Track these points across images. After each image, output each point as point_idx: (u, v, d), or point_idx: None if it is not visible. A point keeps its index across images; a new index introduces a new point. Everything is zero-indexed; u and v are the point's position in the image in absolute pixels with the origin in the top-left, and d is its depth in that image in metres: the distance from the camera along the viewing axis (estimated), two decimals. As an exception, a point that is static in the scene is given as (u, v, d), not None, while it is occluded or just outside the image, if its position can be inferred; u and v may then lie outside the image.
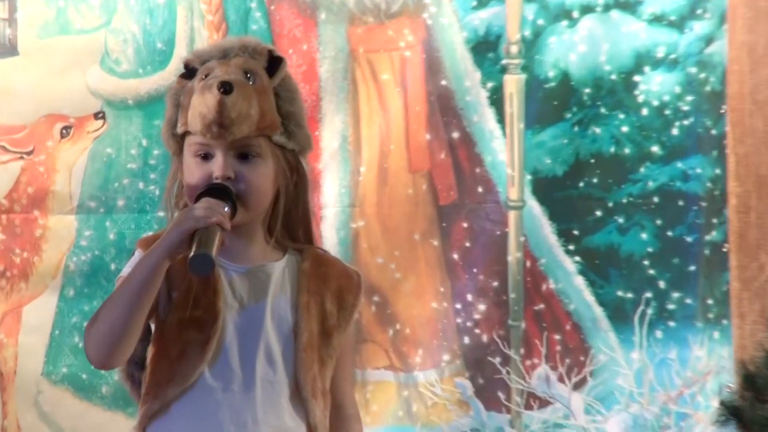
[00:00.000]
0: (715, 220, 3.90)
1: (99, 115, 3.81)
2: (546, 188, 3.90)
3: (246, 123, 1.97)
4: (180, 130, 1.99)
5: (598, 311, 3.90)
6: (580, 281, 3.87)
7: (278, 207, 2.07)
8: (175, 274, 1.99)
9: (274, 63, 2.03)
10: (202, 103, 1.95)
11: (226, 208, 1.94)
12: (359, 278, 2.12)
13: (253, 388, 2.03)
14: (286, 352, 2.04)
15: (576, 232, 3.84)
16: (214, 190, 1.97)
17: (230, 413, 2.02)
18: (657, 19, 3.76)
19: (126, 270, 2.00)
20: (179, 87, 2.04)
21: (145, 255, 1.96)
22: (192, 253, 1.87)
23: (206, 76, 1.96)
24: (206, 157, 1.99)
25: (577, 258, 3.84)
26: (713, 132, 3.76)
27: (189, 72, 2.04)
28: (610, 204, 3.80)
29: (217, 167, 1.98)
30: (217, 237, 1.90)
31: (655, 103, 3.75)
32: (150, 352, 2.06)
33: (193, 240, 1.90)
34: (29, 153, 3.70)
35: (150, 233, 2.20)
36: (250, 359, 2.04)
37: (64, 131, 3.72)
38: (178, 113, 2.01)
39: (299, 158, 2.07)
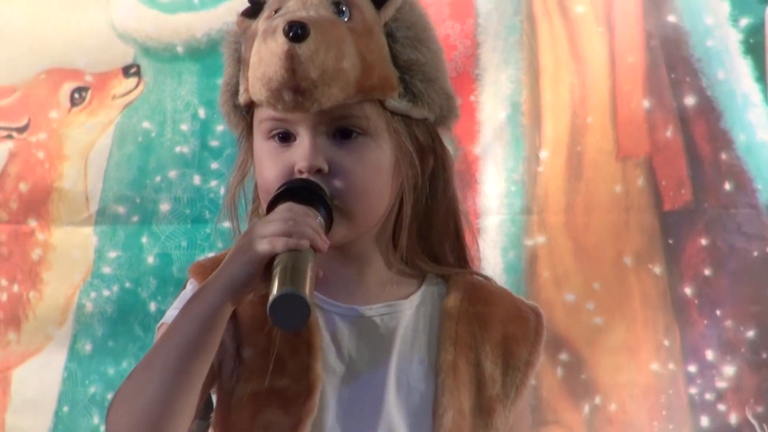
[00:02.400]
0: None
1: (131, 71, 2.68)
2: None
3: (338, 83, 1.51)
4: (243, 99, 1.57)
5: None
6: None
7: (404, 212, 1.61)
8: (247, 322, 1.61)
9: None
10: (266, 57, 1.52)
11: (318, 219, 1.50)
12: (540, 321, 1.64)
13: None
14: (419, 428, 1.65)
15: None
16: (298, 190, 1.51)
17: None
18: None
19: (172, 313, 1.58)
20: (240, 30, 1.62)
21: (197, 293, 1.54)
22: (273, 295, 1.44)
23: (276, 12, 1.54)
24: (285, 138, 1.56)
25: None
26: None
27: (254, 5, 1.63)
28: None
29: (300, 155, 1.54)
30: (309, 266, 1.47)
31: None
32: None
33: (272, 272, 1.47)
34: (22, 129, 2.62)
35: (211, 255, 1.80)
36: None
37: (76, 95, 2.62)
38: (239, 73, 1.59)
39: (436, 133, 1.58)
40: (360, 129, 1.47)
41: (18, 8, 2.71)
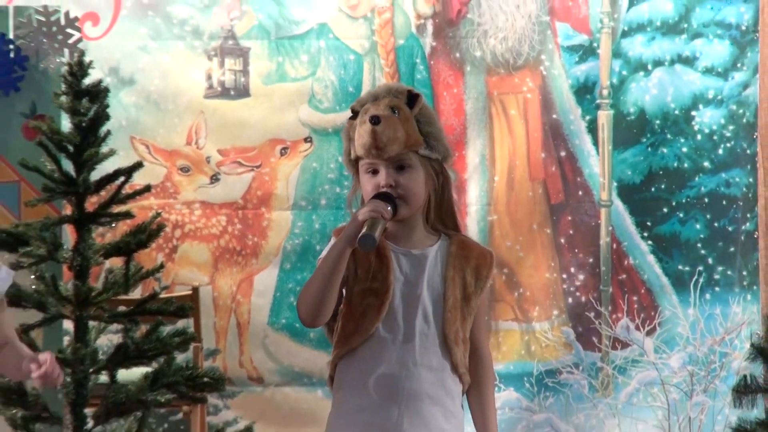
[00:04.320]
0: (749, 215, 4.98)
1: (307, 140, 4.84)
2: (627, 192, 4.99)
3: (396, 144, 2.31)
4: (353, 156, 2.36)
5: (665, 280, 4.99)
6: (651, 259, 4.96)
7: (430, 203, 2.40)
8: (359, 256, 2.34)
9: (413, 98, 2.36)
10: (362, 135, 2.32)
11: (389, 207, 2.30)
12: (492, 257, 2.47)
13: (412, 339, 2.40)
14: (437, 312, 2.41)
15: (649, 224, 4.95)
16: (380, 195, 2.33)
17: (396, 357, 2.39)
18: (708, 71, 4.92)
19: (324, 252, 2.36)
20: (349, 126, 2.39)
21: (335, 242, 2.32)
22: (361, 234, 2.23)
23: (365, 114, 2.32)
24: (374, 172, 2.35)
25: (650, 242, 4.95)
26: (748, 152, 4.90)
27: (354, 114, 2.38)
28: (674, 203, 4.89)
29: (381, 179, 2.33)
30: (380, 225, 2.25)
31: (706, 131, 4.90)
32: (341, 311, 2.41)
33: (363, 227, 2.25)
34: (258, 167, 4.78)
35: (341, 225, 2.53)
36: (411, 318, 2.39)
37: (282, 151, 4.78)
38: (350, 143, 2.37)
39: (443, 165, 2.41)
40: (408, 165, 2.30)
41: (256, 111, 4.76)
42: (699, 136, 5.01)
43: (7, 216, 4.98)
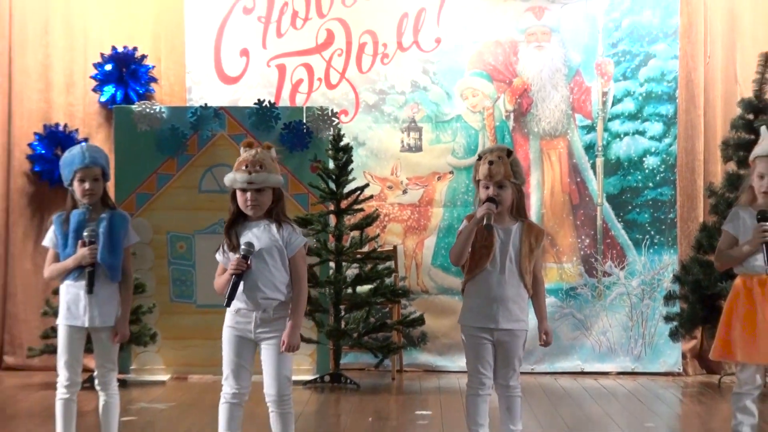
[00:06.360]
0: (671, 211, 8.34)
1: (451, 172, 8.39)
2: (610, 198, 8.13)
3: (499, 175, 4.06)
4: (477, 179, 4.21)
5: (630, 243, 8.08)
6: (623, 232, 8.05)
7: (514, 204, 4.16)
8: (479, 231, 4.05)
9: (509, 152, 4.16)
10: (483, 169, 4.15)
11: (495, 207, 3.99)
12: (543, 231, 4.12)
13: (504, 271, 4.14)
14: (516, 258, 4.19)
15: (621, 214, 8.07)
16: (490, 200, 4.09)
17: (496, 279, 4.15)
18: (651, 138, 8.39)
19: (461, 228, 4.18)
20: (476, 164, 4.24)
21: (468, 224, 4.05)
22: (483, 223, 3.94)
23: (483, 158, 4.18)
24: (487, 187, 4.17)
25: (621, 223, 8.10)
26: (672, 178, 8.37)
27: (479, 158, 4.21)
28: (634, 204, 8.10)
29: (491, 192, 4.11)
30: (491, 216, 3.94)
31: (651, 168, 8.38)
32: (469, 255, 4.16)
33: (482, 220, 3.93)
34: (426, 186, 8.46)
35: (470, 213, 4.25)
36: (503, 261, 4.12)
37: (438, 177, 8.54)
38: (476, 173, 4.22)
39: (520, 186, 4.22)
40: (504, 185, 4.29)
41: (425, 157, 8.48)
42: (647, 170, 8.17)
43: (301, 210, 7.76)
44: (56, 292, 5.22)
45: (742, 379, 4.83)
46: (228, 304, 4.38)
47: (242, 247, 4.45)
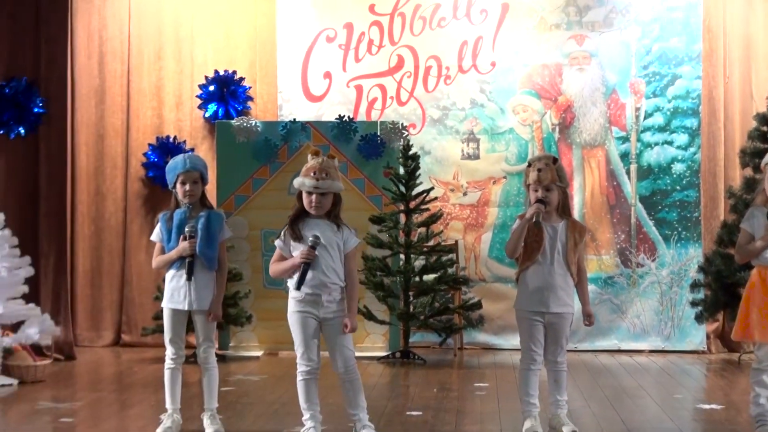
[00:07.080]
0: (696, 211, 9.26)
1: (504, 177, 9.52)
2: (643, 200, 9.10)
3: (548, 178, 4.71)
4: (527, 183, 4.87)
5: (660, 238, 9.01)
6: (654, 229, 8.95)
7: (560, 204, 4.81)
8: (530, 228, 4.71)
9: (555, 160, 4.78)
10: (533, 175, 4.81)
11: (543, 207, 4.67)
12: (585, 228, 4.80)
13: (553, 262, 4.77)
14: (563, 251, 4.77)
15: (653, 213, 8.98)
16: (539, 201, 4.74)
17: (546, 269, 4.76)
18: (679, 147, 9.39)
19: (514, 226, 4.81)
20: (527, 170, 4.89)
21: (520, 222, 4.72)
22: (533, 221, 4.69)
23: (533, 166, 4.83)
24: (536, 190, 4.80)
25: (653, 221, 9.02)
26: (696, 182, 9.30)
27: (529, 165, 4.85)
28: (664, 204, 8.96)
29: (540, 194, 4.76)
30: (540, 215, 4.65)
31: (678, 173, 9.43)
32: (522, 249, 4.83)
33: (533, 217, 4.60)
34: (483, 188, 9.57)
35: (521, 212, 4.85)
36: (552, 253, 4.73)
37: (494, 182, 9.67)
38: (526, 178, 4.85)
39: (565, 189, 4.87)
40: (551, 188, 4.95)
41: (482, 164, 9.46)
42: (674, 175, 8.96)
43: (376, 209, 8.70)
44: (165, 279, 5.57)
45: (760, 356, 5.14)
46: (298, 288, 4.75)
47: (310, 238, 4.84)
